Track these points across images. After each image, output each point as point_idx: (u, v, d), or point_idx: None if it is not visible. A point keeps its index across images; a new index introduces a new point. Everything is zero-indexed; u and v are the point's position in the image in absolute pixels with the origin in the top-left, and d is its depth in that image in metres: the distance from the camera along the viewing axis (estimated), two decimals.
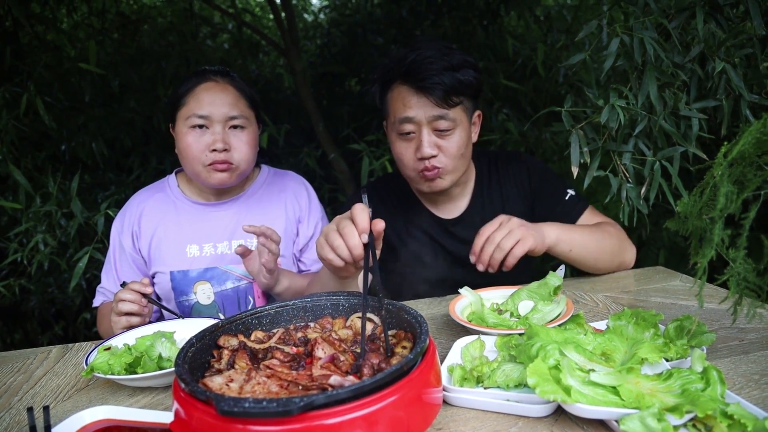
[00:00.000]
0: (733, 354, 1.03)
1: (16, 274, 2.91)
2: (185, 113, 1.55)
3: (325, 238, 1.09)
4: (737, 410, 0.75)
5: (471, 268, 1.51)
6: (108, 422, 0.85)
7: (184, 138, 1.55)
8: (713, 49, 1.53)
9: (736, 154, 0.83)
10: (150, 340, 1.15)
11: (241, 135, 1.59)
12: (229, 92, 1.58)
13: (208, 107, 1.54)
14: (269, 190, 1.76)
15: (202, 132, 1.55)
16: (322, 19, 4.56)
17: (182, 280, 1.64)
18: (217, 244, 1.65)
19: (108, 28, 3.37)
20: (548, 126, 2.92)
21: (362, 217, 1.02)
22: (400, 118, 1.49)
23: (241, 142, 1.58)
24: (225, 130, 1.56)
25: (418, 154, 1.49)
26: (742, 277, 0.86)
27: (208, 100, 1.54)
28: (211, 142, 1.54)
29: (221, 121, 1.55)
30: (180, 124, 1.57)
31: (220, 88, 1.57)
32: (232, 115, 1.56)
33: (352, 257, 1.05)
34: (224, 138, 1.55)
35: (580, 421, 0.83)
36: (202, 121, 1.54)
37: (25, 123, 2.57)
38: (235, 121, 1.57)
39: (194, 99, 1.55)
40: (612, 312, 1.31)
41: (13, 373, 1.22)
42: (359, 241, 1.02)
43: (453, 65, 1.44)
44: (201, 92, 1.55)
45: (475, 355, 1.02)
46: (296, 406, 0.63)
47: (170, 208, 1.69)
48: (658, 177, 1.53)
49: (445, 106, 1.45)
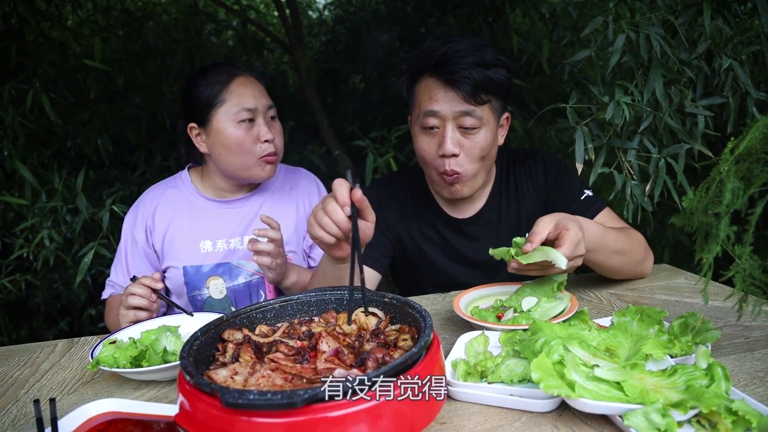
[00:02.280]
0: (738, 351, 1.03)
1: (22, 269, 2.93)
2: (229, 110, 1.55)
3: (314, 217, 1.10)
4: (742, 407, 0.75)
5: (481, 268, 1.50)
6: (113, 415, 0.85)
7: (234, 134, 1.56)
8: (720, 46, 1.52)
9: (742, 150, 0.83)
10: (155, 334, 1.16)
11: (276, 125, 1.64)
12: (257, 84, 1.62)
13: (253, 100, 1.57)
14: (282, 187, 1.77)
15: (250, 125, 1.57)
16: (326, 16, 4.57)
17: (195, 275, 1.65)
18: (230, 239, 1.67)
19: (113, 24, 3.38)
20: (553, 123, 2.92)
21: (342, 191, 1.03)
22: (424, 111, 1.44)
23: (278, 132, 1.64)
24: (266, 120, 1.60)
25: (440, 150, 1.44)
26: (748, 273, 0.85)
27: (251, 93, 1.57)
28: (262, 134, 1.57)
29: (263, 113, 1.59)
30: (222, 121, 1.56)
31: (251, 81, 1.60)
32: (270, 104, 1.61)
33: (341, 232, 1.06)
34: (268, 129, 1.59)
35: (584, 417, 0.83)
36: (251, 114, 1.56)
37: (30, 120, 2.58)
38: (272, 111, 1.62)
39: (235, 94, 1.56)
40: (616, 309, 1.31)
41: (19, 366, 1.23)
42: (344, 216, 1.04)
43: (485, 62, 1.39)
44: (239, 87, 1.57)
45: (479, 350, 1.02)
46: (300, 398, 0.64)
47: (184, 204, 1.70)
48: (663, 174, 1.52)
49: (472, 103, 1.41)
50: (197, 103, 1.58)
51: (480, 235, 1.64)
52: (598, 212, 1.55)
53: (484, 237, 1.63)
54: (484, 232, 1.64)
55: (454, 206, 1.64)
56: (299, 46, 3.30)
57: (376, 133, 3.04)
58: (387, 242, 1.63)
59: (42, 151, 2.90)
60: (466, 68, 1.38)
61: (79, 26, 3.31)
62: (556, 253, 1.11)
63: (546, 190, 1.63)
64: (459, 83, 1.39)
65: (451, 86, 1.40)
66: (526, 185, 1.65)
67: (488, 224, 1.63)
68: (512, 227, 1.63)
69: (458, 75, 1.38)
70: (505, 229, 1.63)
